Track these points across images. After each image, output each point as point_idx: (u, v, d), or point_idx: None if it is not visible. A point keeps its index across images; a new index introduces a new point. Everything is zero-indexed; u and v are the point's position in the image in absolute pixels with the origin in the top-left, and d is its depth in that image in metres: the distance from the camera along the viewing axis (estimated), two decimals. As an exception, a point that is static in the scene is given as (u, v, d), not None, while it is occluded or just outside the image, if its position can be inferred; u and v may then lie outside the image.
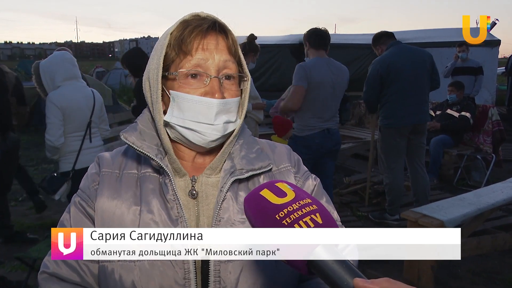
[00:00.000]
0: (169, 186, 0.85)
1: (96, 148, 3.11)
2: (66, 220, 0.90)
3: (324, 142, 3.36)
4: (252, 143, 0.95)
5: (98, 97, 3.16)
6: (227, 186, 0.85)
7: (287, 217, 0.57)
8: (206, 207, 0.86)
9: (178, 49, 0.84)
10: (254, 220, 0.61)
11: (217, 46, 0.85)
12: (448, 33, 9.40)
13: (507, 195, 3.04)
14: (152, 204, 0.84)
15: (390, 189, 4.09)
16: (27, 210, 4.68)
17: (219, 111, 0.84)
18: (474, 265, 3.33)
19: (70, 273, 0.86)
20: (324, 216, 0.58)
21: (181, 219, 0.82)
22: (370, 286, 0.50)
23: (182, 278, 0.79)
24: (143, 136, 0.89)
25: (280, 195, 0.60)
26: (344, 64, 3.58)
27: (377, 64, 3.86)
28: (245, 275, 0.81)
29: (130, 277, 0.79)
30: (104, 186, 0.88)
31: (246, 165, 0.89)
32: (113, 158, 0.94)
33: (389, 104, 3.88)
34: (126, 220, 0.83)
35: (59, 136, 2.90)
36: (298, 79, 3.27)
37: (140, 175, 0.89)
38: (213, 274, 0.80)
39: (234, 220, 0.84)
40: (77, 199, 0.91)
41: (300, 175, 0.97)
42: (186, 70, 0.83)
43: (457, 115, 5.42)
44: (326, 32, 3.45)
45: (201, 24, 0.84)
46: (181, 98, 0.84)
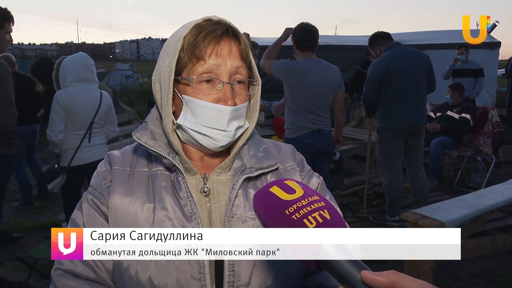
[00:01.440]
0: (182, 183, 0.87)
1: (95, 147, 3.24)
2: (78, 217, 0.89)
3: (315, 143, 3.36)
4: (259, 142, 0.98)
5: (106, 100, 3.29)
6: (239, 184, 0.87)
7: (296, 212, 0.58)
8: (218, 204, 0.88)
9: (191, 54, 0.85)
10: (264, 216, 0.62)
11: (230, 52, 0.86)
12: (449, 35, 9.41)
13: (507, 197, 3.03)
14: (165, 201, 0.85)
15: (389, 190, 4.10)
16: (27, 211, 4.69)
17: (231, 118, 0.86)
18: (473, 266, 3.33)
19: (85, 269, 0.85)
20: (332, 213, 0.59)
21: (195, 215, 0.84)
22: (377, 278, 0.51)
23: (197, 272, 0.80)
24: (154, 135, 0.90)
25: (289, 192, 0.62)
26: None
27: (376, 66, 3.87)
28: (258, 269, 0.83)
29: (146, 273, 0.80)
30: (117, 183, 0.89)
31: (255, 164, 0.91)
32: (123, 156, 0.94)
33: (387, 106, 3.89)
34: (140, 217, 0.84)
35: (58, 132, 3.06)
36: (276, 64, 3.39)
37: (152, 173, 0.90)
38: (228, 268, 0.81)
39: (246, 217, 0.86)
40: (90, 196, 0.90)
41: (304, 174, 1.00)
42: (199, 76, 0.85)
43: (457, 116, 5.42)
44: (314, 31, 3.40)
45: (215, 29, 0.85)
46: (195, 103, 0.85)
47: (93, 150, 3.21)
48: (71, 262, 0.86)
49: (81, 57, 3.20)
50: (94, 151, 3.21)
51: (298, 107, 3.36)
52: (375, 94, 3.90)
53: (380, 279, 0.50)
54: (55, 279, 0.86)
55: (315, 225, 0.56)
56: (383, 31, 4.12)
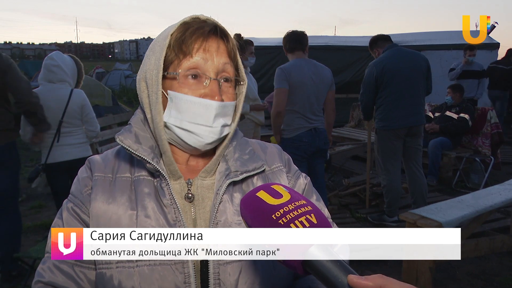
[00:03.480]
0: (166, 190, 0.84)
1: (66, 146, 3.23)
2: (57, 226, 0.87)
3: (313, 141, 3.41)
4: (244, 144, 0.95)
5: (77, 99, 3.24)
6: (223, 189, 0.85)
7: (283, 217, 0.58)
8: (203, 210, 0.86)
9: (178, 50, 0.83)
10: (251, 221, 0.62)
11: (218, 49, 0.85)
12: (448, 35, 9.42)
13: (505, 197, 3.04)
14: (148, 208, 0.83)
15: (388, 191, 4.11)
16: (27, 211, 4.68)
17: (217, 113, 0.84)
18: (472, 267, 3.34)
19: (66, 281, 0.83)
20: (319, 217, 0.59)
21: (179, 223, 0.82)
22: (364, 282, 0.50)
23: (182, 282, 0.79)
24: (138, 138, 0.87)
25: (276, 196, 0.62)
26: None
27: (372, 67, 3.89)
28: (244, 276, 0.81)
29: (130, 283, 0.78)
30: (98, 190, 0.86)
31: (240, 167, 0.88)
32: (105, 162, 0.91)
33: (385, 106, 3.90)
34: (123, 224, 0.82)
35: (26, 132, 3.13)
36: (278, 82, 3.37)
37: (134, 179, 0.87)
38: (213, 276, 0.80)
39: (231, 222, 0.84)
40: (70, 204, 0.88)
41: (291, 174, 0.98)
42: (185, 70, 0.83)
43: (456, 117, 5.43)
44: (301, 33, 3.50)
45: (203, 26, 0.84)
46: (180, 98, 0.83)
47: (64, 150, 3.20)
48: (52, 273, 0.84)
49: (45, 59, 3.27)
50: (66, 151, 3.20)
51: (295, 107, 3.39)
52: (372, 94, 3.93)
53: (366, 283, 0.50)
54: None
55: None
56: (383, 34, 4.15)
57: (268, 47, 9.20)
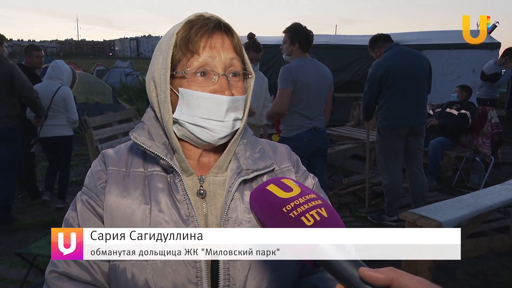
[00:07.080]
0: (179, 186, 0.85)
1: (52, 126, 4.44)
2: (72, 218, 0.88)
3: (313, 140, 3.38)
4: (254, 143, 0.96)
5: (62, 93, 4.43)
6: (235, 186, 0.86)
7: (294, 210, 0.57)
8: (214, 206, 0.87)
9: (185, 49, 0.84)
10: (261, 214, 0.61)
11: (223, 45, 0.86)
12: (449, 35, 9.40)
13: (505, 197, 3.04)
14: (162, 203, 0.84)
15: (388, 190, 4.11)
16: (27, 208, 4.69)
17: (228, 108, 0.85)
18: (471, 267, 3.34)
19: (80, 272, 0.84)
20: (329, 211, 0.59)
21: (192, 218, 0.83)
22: (376, 275, 0.50)
23: (194, 276, 0.79)
24: (151, 135, 0.89)
25: (286, 190, 0.61)
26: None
27: (376, 66, 3.88)
28: (253, 272, 0.82)
29: (143, 276, 0.79)
30: (112, 184, 0.87)
31: (251, 165, 0.90)
32: (118, 156, 0.93)
33: (388, 105, 3.89)
34: (137, 219, 0.83)
35: (29, 116, 4.35)
36: (284, 82, 3.28)
37: (148, 174, 0.89)
38: (223, 272, 0.80)
39: (242, 220, 0.85)
40: (84, 197, 0.89)
41: (300, 174, 0.99)
42: (194, 68, 0.84)
43: (456, 113, 5.43)
44: (312, 35, 3.47)
45: (207, 23, 0.85)
46: (191, 95, 0.84)
47: (50, 129, 4.43)
48: (66, 264, 0.84)
49: (52, 62, 4.69)
50: (51, 129, 4.43)
51: (298, 108, 3.35)
52: (375, 94, 3.92)
53: (378, 275, 0.50)
54: (50, 282, 0.85)
55: (312, 223, 0.56)
56: (383, 33, 4.14)
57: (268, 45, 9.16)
